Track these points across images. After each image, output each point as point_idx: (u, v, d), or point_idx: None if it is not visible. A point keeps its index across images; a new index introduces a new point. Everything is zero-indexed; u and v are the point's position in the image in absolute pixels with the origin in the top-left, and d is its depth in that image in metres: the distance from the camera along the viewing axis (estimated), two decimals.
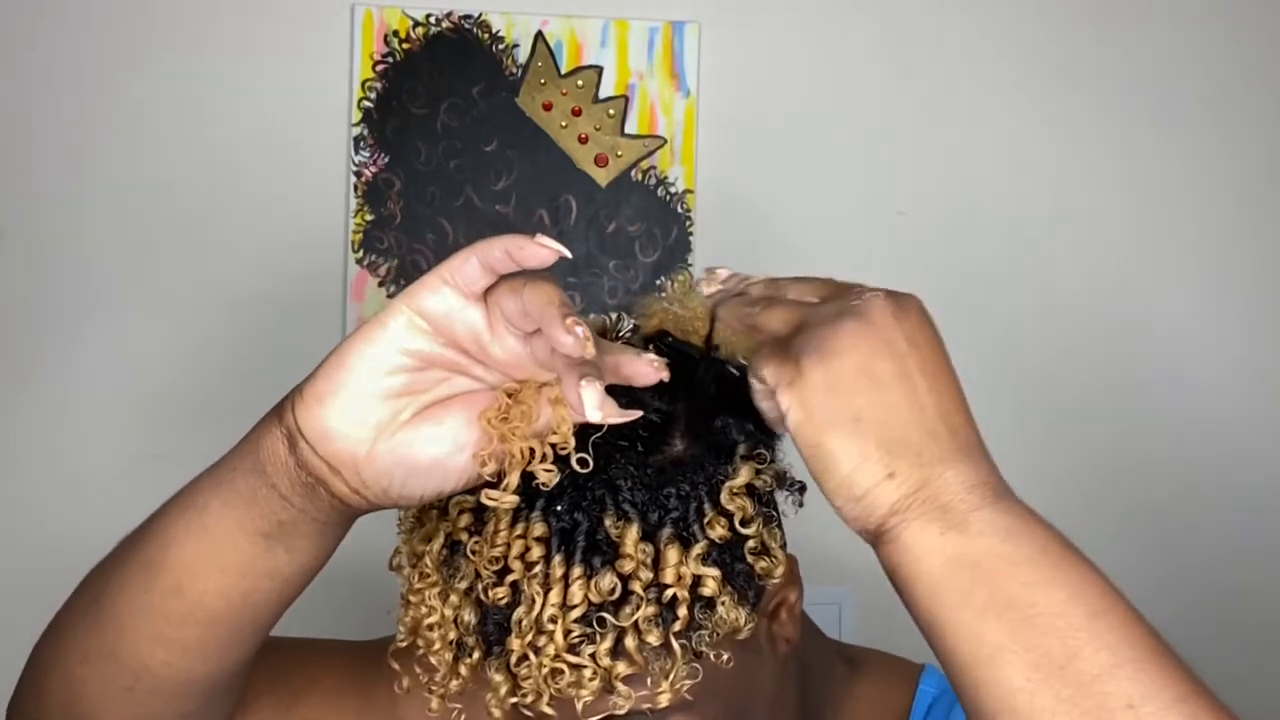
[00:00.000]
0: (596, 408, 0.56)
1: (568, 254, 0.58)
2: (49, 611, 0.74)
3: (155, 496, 0.69)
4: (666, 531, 0.64)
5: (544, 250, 0.57)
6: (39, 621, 0.75)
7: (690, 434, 0.68)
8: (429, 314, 0.59)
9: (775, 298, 0.65)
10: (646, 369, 0.60)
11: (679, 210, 1.61)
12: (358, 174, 1.56)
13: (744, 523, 0.66)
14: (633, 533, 0.64)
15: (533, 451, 0.61)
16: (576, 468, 0.60)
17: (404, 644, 0.69)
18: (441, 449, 0.61)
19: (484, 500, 0.62)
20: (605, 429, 0.59)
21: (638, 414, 0.59)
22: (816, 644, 0.84)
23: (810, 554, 0.86)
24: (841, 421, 0.59)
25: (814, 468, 0.60)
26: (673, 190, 1.61)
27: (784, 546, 0.71)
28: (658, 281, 1.59)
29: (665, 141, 1.60)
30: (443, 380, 0.61)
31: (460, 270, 0.58)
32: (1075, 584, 0.57)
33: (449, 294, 0.59)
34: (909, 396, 0.59)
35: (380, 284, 1.56)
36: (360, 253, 1.56)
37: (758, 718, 0.74)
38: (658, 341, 0.71)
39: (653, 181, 1.60)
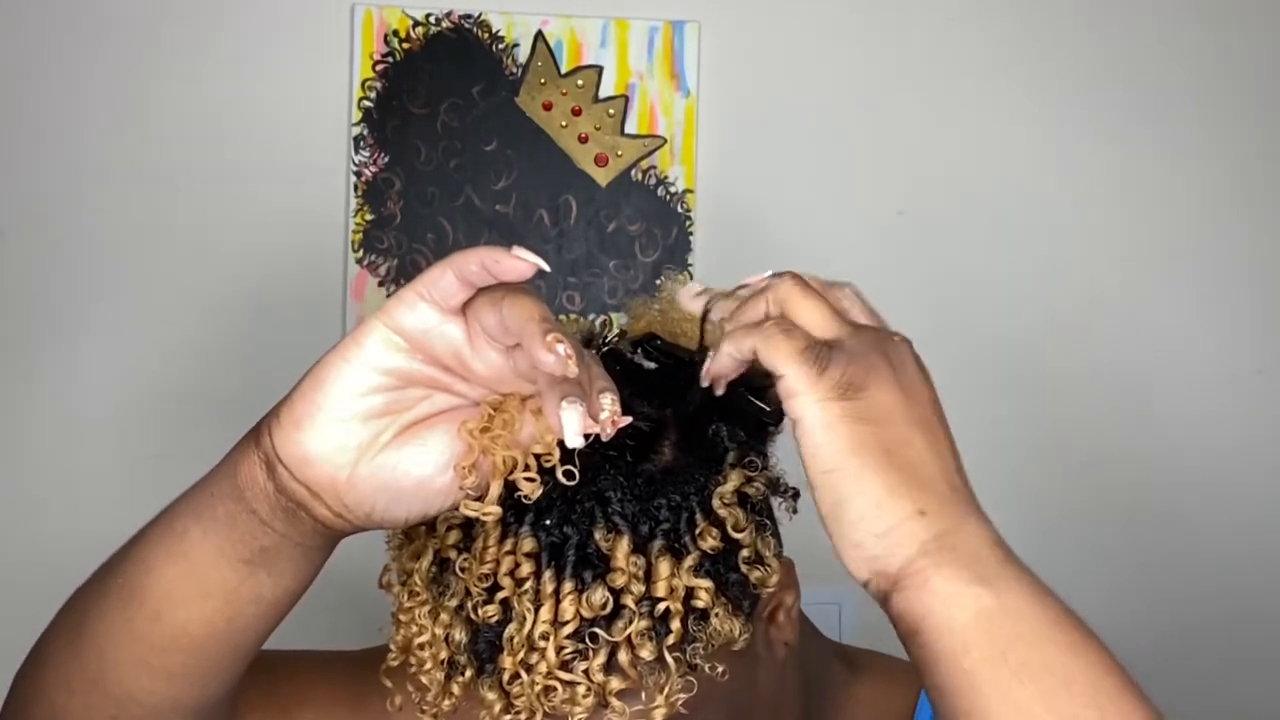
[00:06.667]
0: (577, 434, 0.55)
1: (546, 268, 0.55)
2: (49, 611, 0.73)
3: (155, 496, 0.68)
4: (658, 543, 0.63)
5: (521, 264, 0.54)
6: (39, 621, 0.74)
7: (680, 441, 0.66)
8: (406, 331, 0.57)
9: (805, 293, 0.61)
10: (598, 411, 0.56)
11: (679, 210, 1.61)
12: (358, 174, 1.56)
13: (736, 531, 0.64)
14: (624, 545, 0.62)
15: (515, 462, 0.58)
16: (562, 480, 0.58)
17: (395, 662, 0.67)
18: (425, 470, 0.58)
19: (463, 510, 0.59)
20: (593, 437, 0.57)
21: (624, 420, 0.57)
22: (815, 645, 0.84)
23: (811, 554, 0.85)
24: (871, 451, 0.55)
25: (828, 497, 0.56)
26: (673, 190, 1.60)
27: (779, 554, 0.69)
28: (657, 281, 1.58)
29: (665, 141, 1.60)
30: (424, 398, 0.59)
31: (436, 285, 0.56)
32: (1099, 652, 0.55)
33: (426, 310, 0.57)
34: (934, 445, 0.57)
35: (380, 284, 1.55)
36: (360, 252, 1.56)
37: None
38: (646, 344, 0.69)
39: (653, 181, 1.60)
